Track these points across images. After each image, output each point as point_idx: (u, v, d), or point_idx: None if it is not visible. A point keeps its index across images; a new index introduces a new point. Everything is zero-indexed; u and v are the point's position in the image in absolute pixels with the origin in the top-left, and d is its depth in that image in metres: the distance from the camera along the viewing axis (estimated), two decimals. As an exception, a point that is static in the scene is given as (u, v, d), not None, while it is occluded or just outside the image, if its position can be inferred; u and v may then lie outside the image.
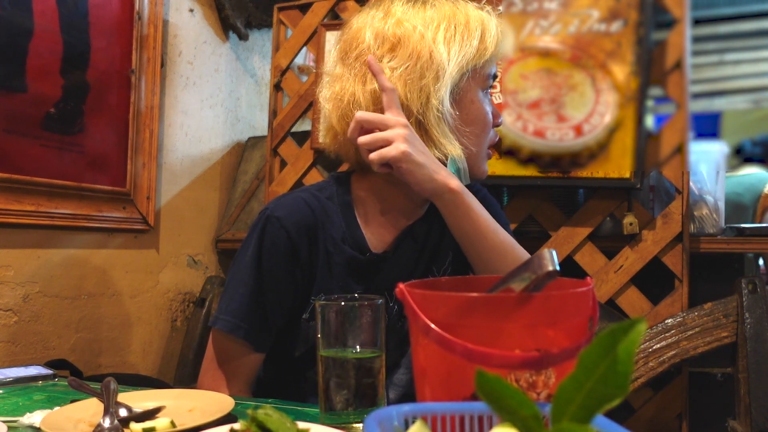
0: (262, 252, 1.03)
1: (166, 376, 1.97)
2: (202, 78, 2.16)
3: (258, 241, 1.03)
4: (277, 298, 1.04)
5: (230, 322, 1.03)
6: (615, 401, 0.39)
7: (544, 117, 1.59)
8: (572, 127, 1.57)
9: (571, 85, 1.58)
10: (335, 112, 1.06)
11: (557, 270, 0.64)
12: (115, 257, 1.83)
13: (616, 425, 0.45)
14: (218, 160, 2.23)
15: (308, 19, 2.01)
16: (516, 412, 0.42)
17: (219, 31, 2.24)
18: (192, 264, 2.10)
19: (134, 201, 1.85)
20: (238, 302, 1.03)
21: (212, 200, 2.21)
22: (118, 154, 1.82)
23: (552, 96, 1.59)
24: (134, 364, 1.89)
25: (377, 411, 0.54)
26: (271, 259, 1.03)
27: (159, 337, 1.98)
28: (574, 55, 1.58)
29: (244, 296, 1.03)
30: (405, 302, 0.70)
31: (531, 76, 1.61)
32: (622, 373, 0.39)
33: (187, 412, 0.88)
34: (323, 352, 0.81)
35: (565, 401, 0.40)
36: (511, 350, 0.63)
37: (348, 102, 1.04)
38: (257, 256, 1.03)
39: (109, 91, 1.79)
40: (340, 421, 0.80)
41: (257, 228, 1.04)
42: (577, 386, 0.40)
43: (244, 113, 2.37)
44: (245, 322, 1.02)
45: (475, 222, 0.99)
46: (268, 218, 1.04)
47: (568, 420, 0.40)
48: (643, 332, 0.39)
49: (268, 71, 2.41)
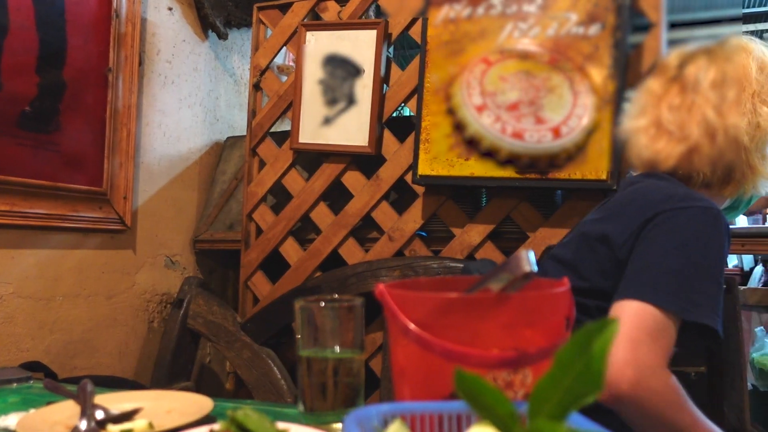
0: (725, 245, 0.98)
1: (142, 377, 1.95)
2: (181, 77, 2.14)
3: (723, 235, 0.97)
4: None
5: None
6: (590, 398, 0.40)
7: (522, 119, 1.60)
8: (550, 129, 1.58)
9: (549, 87, 1.59)
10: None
11: (534, 271, 0.65)
12: (90, 258, 1.81)
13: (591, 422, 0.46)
14: (196, 159, 2.22)
15: (288, 18, 2.01)
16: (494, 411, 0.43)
17: (198, 29, 2.22)
18: (169, 264, 2.08)
19: (111, 201, 1.83)
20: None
21: (190, 200, 2.19)
22: (95, 154, 1.80)
23: (530, 98, 1.60)
24: (110, 366, 1.87)
25: (356, 411, 0.54)
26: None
27: (135, 338, 1.96)
28: (553, 58, 1.60)
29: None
30: (384, 303, 0.71)
31: (510, 78, 1.63)
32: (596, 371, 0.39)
33: (166, 413, 0.87)
34: (303, 353, 0.81)
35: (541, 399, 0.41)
36: (489, 350, 0.64)
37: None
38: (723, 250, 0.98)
39: (86, 89, 1.77)
40: (320, 421, 0.80)
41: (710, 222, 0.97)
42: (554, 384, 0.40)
43: (223, 113, 2.36)
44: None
45: None
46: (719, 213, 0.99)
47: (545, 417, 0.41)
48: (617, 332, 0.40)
49: (248, 71, 2.40)
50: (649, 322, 0.88)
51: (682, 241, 0.93)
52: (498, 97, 1.63)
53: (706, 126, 1.03)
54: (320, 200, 1.92)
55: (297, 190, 1.95)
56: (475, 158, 1.64)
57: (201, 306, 1.95)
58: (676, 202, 0.97)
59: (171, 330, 1.94)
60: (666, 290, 0.90)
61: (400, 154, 1.80)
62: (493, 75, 1.64)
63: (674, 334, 0.90)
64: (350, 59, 1.87)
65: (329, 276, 1.80)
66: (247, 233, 2.02)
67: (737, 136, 1.02)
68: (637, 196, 1.04)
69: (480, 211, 1.71)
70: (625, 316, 0.89)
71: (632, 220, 0.99)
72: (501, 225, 1.69)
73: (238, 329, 1.89)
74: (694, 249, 0.93)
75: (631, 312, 0.89)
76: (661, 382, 0.87)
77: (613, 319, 0.40)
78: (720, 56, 1.07)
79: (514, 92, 1.62)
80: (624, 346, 0.86)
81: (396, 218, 1.80)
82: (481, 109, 1.64)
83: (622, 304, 0.91)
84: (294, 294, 1.68)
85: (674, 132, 1.06)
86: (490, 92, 1.64)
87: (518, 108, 1.61)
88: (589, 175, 1.54)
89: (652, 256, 0.94)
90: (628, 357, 0.86)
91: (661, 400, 0.86)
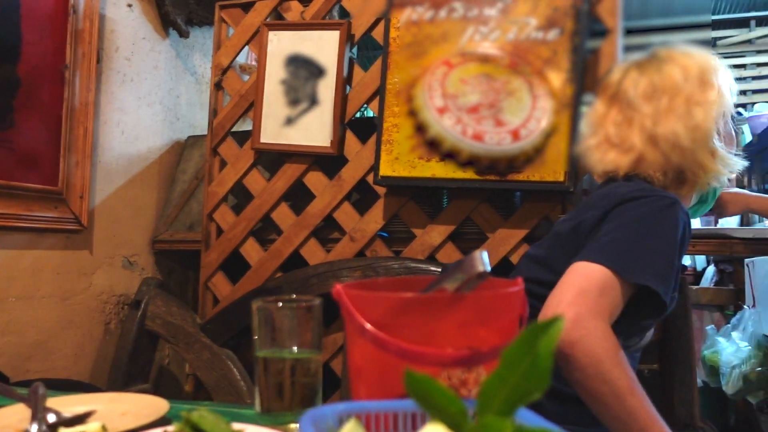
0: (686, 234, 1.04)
1: (98, 380, 1.92)
2: (140, 75, 2.11)
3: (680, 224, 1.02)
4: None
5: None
6: (536, 395, 0.41)
7: (483, 121, 1.62)
8: (510, 131, 1.60)
9: (509, 90, 1.62)
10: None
11: (488, 271, 0.66)
12: (45, 258, 1.77)
13: (538, 417, 0.47)
14: (156, 159, 2.19)
15: (250, 18, 2.00)
16: (444, 409, 0.44)
17: (159, 27, 2.19)
18: (127, 265, 2.05)
19: (67, 200, 1.80)
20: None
21: (149, 200, 2.16)
22: (50, 152, 1.76)
23: (491, 101, 1.63)
24: (65, 369, 1.83)
25: (312, 410, 0.55)
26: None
27: (91, 340, 1.92)
28: (513, 62, 1.62)
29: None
30: (341, 303, 0.71)
31: (471, 80, 1.64)
32: (542, 369, 0.41)
33: (120, 416, 0.86)
34: (260, 353, 0.81)
35: (489, 396, 0.42)
36: (444, 349, 0.65)
37: None
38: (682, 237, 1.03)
39: (42, 86, 1.73)
40: (277, 422, 0.80)
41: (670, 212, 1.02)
42: (501, 382, 0.41)
43: (184, 112, 2.33)
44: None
45: None
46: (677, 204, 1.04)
47: (493, 414, 0.42)
48: (562, 330, 0.41)
49: (209, 69, 2.37)
50: (597, 278, 0.94)
51: (635, 217, 1.00)
52: (459, 99, 1.64)
53: (646, 136, 1.10)
54: (282, 200, 1.91)
55: (258, 191, 1.94)
56: (436, 160, 1.65)
57: (160, 307, 1.93)
58: (640, 193, 1.04)
59: (128, 332, 1.91)
60: (611, 252, 0.97)
61: (362, 154, 1.80)
62: (455, 77, 1.66)
63: (621, 296, 0.95)
64: (313, 59, 1.87)
65: (290, 276, 1.79)
66: (208, 233, 2.00)
67: (676, 140, 1.08)
68: (607, 192, 1.10)
69: (441, 212, 1.73)
70: (575, 273, 0.96)
71: (600, 210, 1.06)
72: (461, 226, 1.71)
73: (197, 330, 1.87)
74: (644, 223, 0.99)
75: (581, 270, 0.96)
76: (599, 330, 0.90)
77: (558, 317, 0.41)
78: (650, 68, 1.14)
79: (475, 95, 1.64)
80: (571, 292, 0.93)
81: (358, 219, 1.80)
82: (442, 111, 1.65)
83: (573, 265, 0.97)
84: (254, 295, 1.67)
85: (620, 145, 1.13)
86: (451, 94, 1.65)
87: (479, 110, 1.63)
88: (547, 177, 1.57)
89: (606, 230, 1.01)
90: (571, 300, 0.91)
91: (599, 346, 0.89)
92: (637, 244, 0.98)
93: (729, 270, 3.18)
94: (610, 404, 0.89)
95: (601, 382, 0.88)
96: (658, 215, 1.00)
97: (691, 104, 1.08)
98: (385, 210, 1.77)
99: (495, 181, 1.61)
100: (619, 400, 0.88)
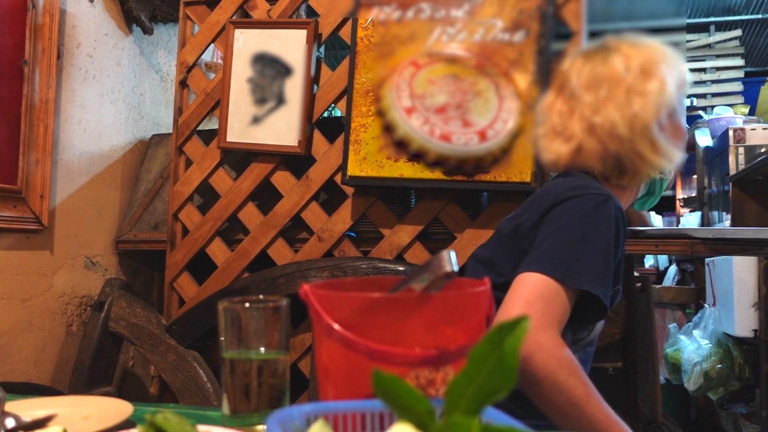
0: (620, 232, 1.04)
1: (60, 383, 1.87)
2: (103, 72, 2.07)
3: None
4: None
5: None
6: (503, 394, 0.42)
7: (450, 122, 1.63)
8: (477, 132, 1.62)
9: (476, 91, 1.63)
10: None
11: (455, 270, 0.66)
12: (4, 259, 1.72)
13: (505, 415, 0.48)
14: (119, 157, 2.15)
15: (216, 15, 1.97)
16: (411, 409, 0.44)
17: (122, 23, 2.15)
18: (90, 266, 2.01)
19: (26, 199, 1.75)
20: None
21: (113, 199, 2.12)
22: (9, 150, 1.71)
23: (458, 101, 1.64)
24: (25, 372, 1.78)
25: (279, 411, 0.54)
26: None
27: (53, 342, 1.88)
28: (479, 63, 1.64)
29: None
30: (309, 303, 0.71)
31: (438, 81, 1.65)
32: (508, 368, 0.41)
33: (82, 419, 0.84)
34: (226, 354, 0.80)
35: (456, 396, 0.42)
36: (411, 349, 0.65)
37: None
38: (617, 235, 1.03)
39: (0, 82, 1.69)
40: (244, 423, 0.79)
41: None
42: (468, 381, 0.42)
43: (148, 110, 2.30)
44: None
45: None
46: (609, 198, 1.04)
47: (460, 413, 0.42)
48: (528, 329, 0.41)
49: (174, 67, 2.34)
50: (541, 288, 0.95)
51: (569, 219, 1.02)
52: (427, 99, 1.65)
53: (585, 124, 1.12)
54: (248, 200, 1.89)
55: (224, 190, 1.92)
56: (404, 160, 1.65)
57: (124, 308, 1.89)
58: (572, 191, 1.05)
59: (91, 333, 1.87)
60: (550, 260, 0.98)
61: (329, 154, 1.80)
62: (422, 78, 1.67)
63: (566, 302, 0.96)
64: (280, 58, 1.86)
65: (257, 277, 1.78)
66: (173, 233, 1.97)
67: (613, 129, 1.09)
68: (543, 192, 1.12)
69: (409, 212, 1.73)
70: (520, 285, 0.97)
71: (536, 211, 1.07)
72: (429, 226, 1.72)
73: (162, 332, 1.84)
74: (579, 226, 1.01)
75: (525, 281, 0.97)
76: (550, 341, 0.92)
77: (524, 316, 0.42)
78: (596, 58, 1.15)
79: (443, 95, 1.65)
80: (519, 306, 0.94)
81: (325, 219, 1.80)
82: (410, 111, 1.66)
83: (518, 277, 0.99)
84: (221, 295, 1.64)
85: (562, 134, 1.15)
86: (419, 95, 1.66)
87: (446, 111, 1.64)
88: (514, 177, 1.59)
89: (543, 235, 1.02)
90: (519, 313, 0.90)
91: (552, 358, 0.90)
92: (575, 248, 0.99)
93: (690, 269, 3.26)
94: (570, 413, 0.90)
95: (558, 393, 0.89)
96: (593, 215, 1.01)
97: (631, 94, 1.09)
98: (353, 210, 1.77)
99: (462, 182, 1.62)
100: (577, 409, 0.90)
